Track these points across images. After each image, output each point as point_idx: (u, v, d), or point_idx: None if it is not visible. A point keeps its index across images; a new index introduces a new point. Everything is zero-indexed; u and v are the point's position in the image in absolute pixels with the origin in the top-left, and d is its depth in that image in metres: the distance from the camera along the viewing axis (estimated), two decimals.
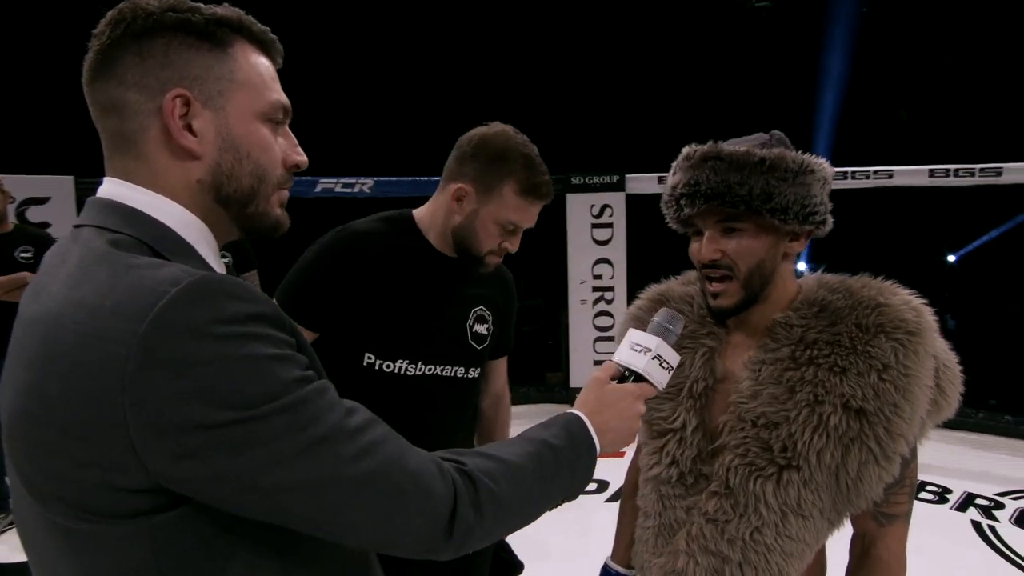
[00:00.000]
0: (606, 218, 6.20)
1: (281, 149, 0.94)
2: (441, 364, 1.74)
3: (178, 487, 0.74)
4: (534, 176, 1.63)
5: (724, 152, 1.20)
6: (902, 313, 1.20)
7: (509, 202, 1.63)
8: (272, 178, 0.92)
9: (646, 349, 1.14)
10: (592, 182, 6.19)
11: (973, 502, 4.31)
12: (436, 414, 1.75)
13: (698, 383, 1.33)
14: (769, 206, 1.19)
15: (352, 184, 5.74)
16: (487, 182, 1.64)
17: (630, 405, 1.11)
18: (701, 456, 1.30)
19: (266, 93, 0.91)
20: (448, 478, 0.85)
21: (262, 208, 0.92)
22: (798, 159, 1.21)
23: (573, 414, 1.07)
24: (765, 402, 1.22)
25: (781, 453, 1.20)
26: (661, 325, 1.19)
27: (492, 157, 1.64)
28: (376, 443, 0.81)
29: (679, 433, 1.33)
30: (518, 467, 0.93)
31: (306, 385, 0.78)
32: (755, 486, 1.21)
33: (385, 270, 1.67)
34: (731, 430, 1.26)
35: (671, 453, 1.33)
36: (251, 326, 0.75)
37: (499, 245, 1.68)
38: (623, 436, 1.10)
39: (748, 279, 1.24)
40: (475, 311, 1.81)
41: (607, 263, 6.23)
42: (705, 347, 1.35)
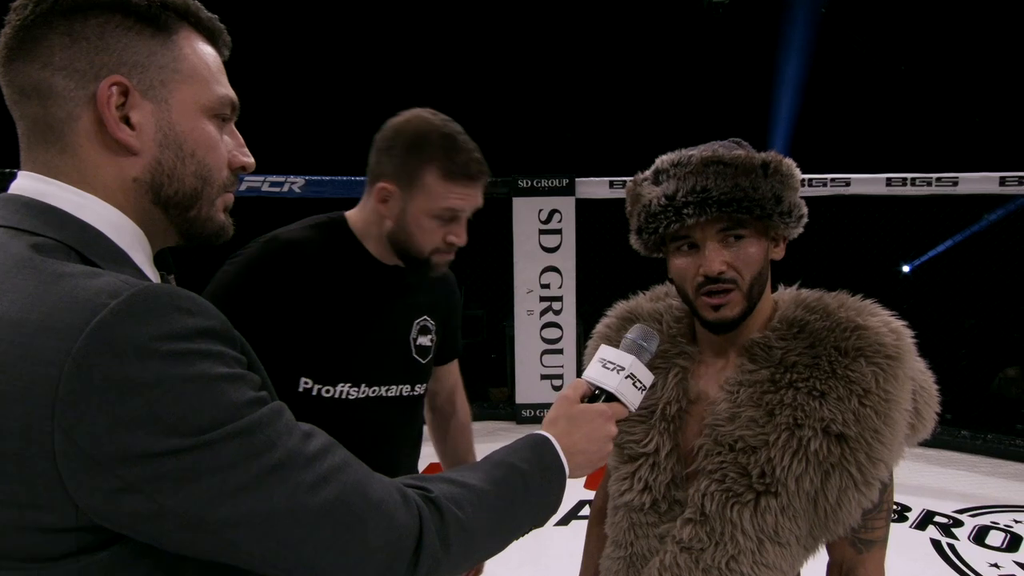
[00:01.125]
0: (555, 224, 6.24)
1: (227, 149, 0.91)
2: (385, 384, 1.70)
3: (113, 525, 0.71)
4: (457, 155, 1.56)
5: (727, 157, 1.21)
6: (881, 336, 1.23)
7: (435, 190, 1.56)
8: (217, 180, 0.90)
9: (619, 367, 1.15)
10: (540, 185, 6.23)
11: (932, 520, 4.46)
12: (381, 439, 1.71)
13: (671, 405, 1.34)
14: (780, 209, 1.21)
15: (281, 183, 5.65)
16: (408, 174, 1.57)
17: (601, 426, 1.10)
18: (675, 481, 1.31)
19: (213, 86, 0.88)
20: (413, 507, 0.84)
21: (205, 212, 0.90)
22: (787, 162, 1.24)
23: (541, 435, 1.07)
24: (743, 425, 1.24)
25: (759, 479, 1.22)
26: (635, 342, 1.20)
27: (407, 146, 1.58)
28: (336, 470, 0.79)
29: (652, 457, 1.33)
30: (485, 493, 0.93)
31: (260, 407, 0.76)
32: (732, 513, 1.23)
33: (320, 284, 1.61)
34: (707, 454, 1.27)
35: (643, 479, 1.33)
36: (200, 343, 0.73)
37: (443, 240, 1.61)
38: (593, 459, 1.10)
39: (750, 289, 1.25)
40: (418, 322, 1.77)
41: (555, 271, 6.26)
42: (678, 367, 1.36)
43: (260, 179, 5.58)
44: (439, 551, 0.85)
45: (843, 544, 1.28)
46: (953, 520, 4.47)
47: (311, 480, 0.76)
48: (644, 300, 1.51)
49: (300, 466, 0.76)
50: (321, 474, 0.77)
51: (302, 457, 0.77)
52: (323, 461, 0.79)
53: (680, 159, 1.25)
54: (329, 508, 0.77)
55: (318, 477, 0.77)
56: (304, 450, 0.77)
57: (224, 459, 0.71)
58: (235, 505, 0.72)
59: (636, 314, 1.47)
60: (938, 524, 4.41)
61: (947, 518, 4.50)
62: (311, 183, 5.76)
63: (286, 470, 0.75)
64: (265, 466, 0.74)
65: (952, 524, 4.42)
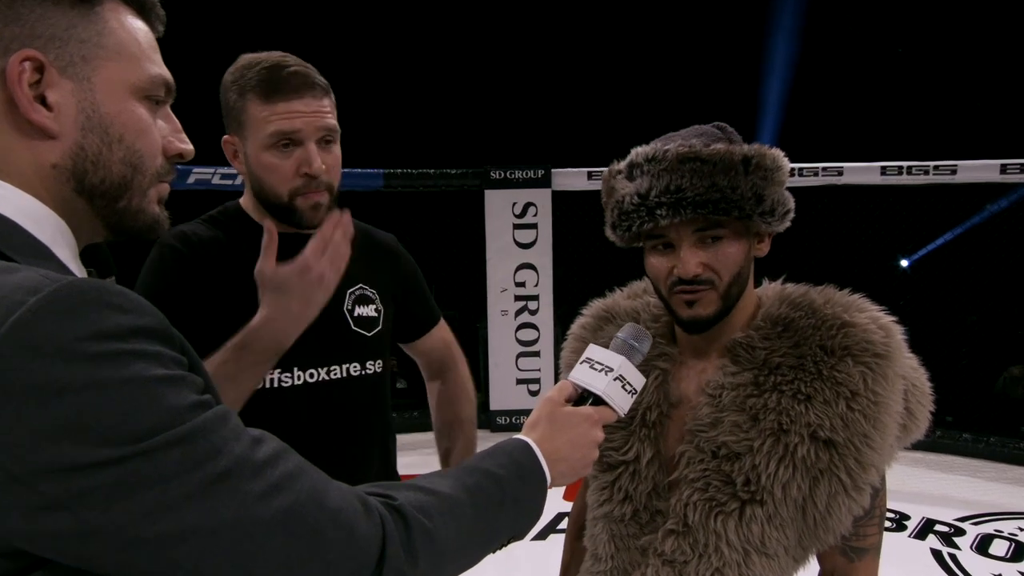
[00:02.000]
0: (530, 218, 6.24)
1: (161, 134, 0.89)
2: (323, 365, 1.67)
3: (35, 548, 0.68)
4: (268, 73, 1.55)
5: (704, 153, 1.20)
6: (869, 334, 1.23)
7: (259, 116, 1.55)
8: (150, 168, 0.88)
9: (607, 368, 1.14)
10: (514, 177, 6.23)
11: (932, 529, 4.50)
12: (337, 429, 1.69)
13: (651, 410, 1.34)
14: (760, 209, 1.20)
15: (233, 175, 5.60)
16: (236, 116, 1.58)
17: (587, 431, 1.10)
18: (657, 490, 1.32)
19: (144, 64, 0.86)
20: (375, 516, 0.83)
21: (136, 204, 0.88)
22: (772, 154, 1.23)
23: (521, 440, 1.06)
24: (727, 431, 1.24)
25: (744, 487, 1.22)
26: (626, 342, 1.19)
27: (229, 89, 1.59)
28: (289, 477, 0.78)
29: (632, 466, 1.34)
30: (456, 501, 0.92)
31: (203, 412, 0.74)
32: (716, 523, 1.23)
33: (221, 273, 1.60)
34: (689, 462, 1.27)
35: (624, 488, 1.33)
36: (135, 342, 0.71)
37: (297, 175, 1.58)
38: (577, 466, 1.09)
39: (728, 289, 1.26)
40: (351, 292, 1.74)
41: (531, 269, 6.27)
42: (658, 370, 1.36)
43: (210, 171, 5.53)
44: (404, 563, 0.83)
45: (834, 553, 1.29)
46: (954, 529, 4.52)
47: (261, 489, 0.75)
48: (621, 297, 1.51)
49: (249, 474, 0.74)
50: (272, 482, 0.76)
51: (251, 464, 0.75)
52: (274, 468, 0.77)
53: (655, 154, 1.23)
54: (282, 519, 0.75)
55: (269, 486, 0.75)
56: (253, 457, 0.76)
57: (163, 469, 0.69)
58: (176, 519, 0.70)
59: (613, 312, 1.47)
60: (939, 533, 4.46)
61: (948, 527, 4.55)
62: None
63: (233, 479, 0.73)
64: (210, 475, 0.72)
65: (953, 533, 4.47)
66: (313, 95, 1.58)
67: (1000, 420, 6.52)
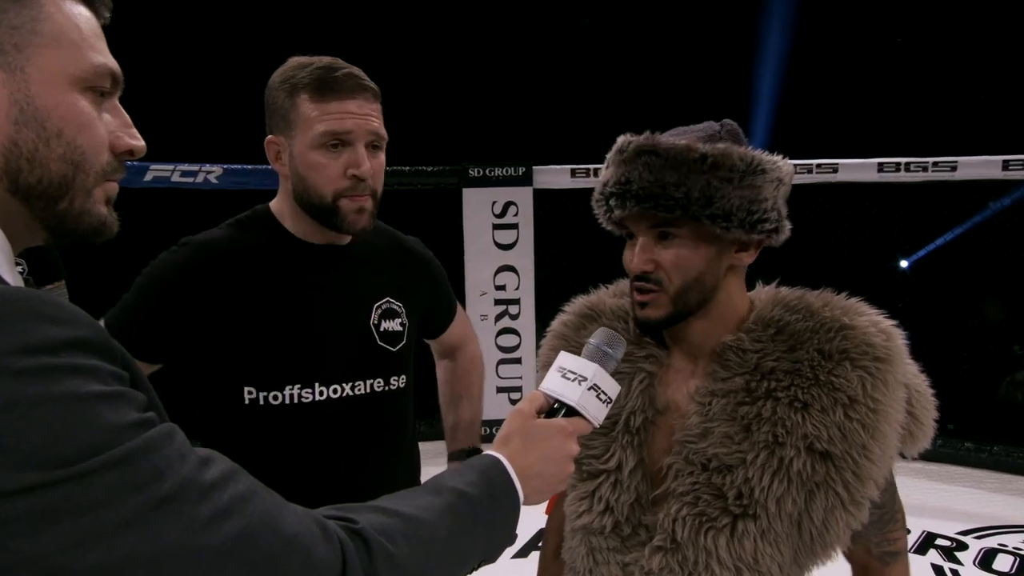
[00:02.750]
0: (510, 218, 6.24)
1: (108, 129, 0.88)
2: (348, 380, 1.71)
3: None
4: (322, 73, 1.62)
5: (661, 147, 1.22)
6: (869, 337, 1.24)
7: (310, 115, 1.62)
8: (94, 165, 0.86)
9: (580, 377, 1.15)
10: (493, 175, 6.22)
11: (933, 543, 4.53)
12: (357, 447, 1.72)
13: (636, 415, 1.34)
14: (709, 211, 1.21)
15: (194, 172, 5.51)
16: (284, 116, 1.64)
17: (560, 445, 1.10)
18: (640, 502, 1.32)
19: (86, 53, 0.85)
20: (334, 540, 0.82)
21: (80, 205, 0.86)
22: (747, 156, 1.23)
23: (491, 456, 1.06)
24: (717, 442, 1.25)
25: (736, 500, 1.23)
26: (599, 348, 1.20)
27: (279, 89, 1.65)
28: (240, 500, 0.77)
29: (614, 475, 1.34)
30: (423, 523, 0.91)
31: (144, 431, 0.73)
32: (706, 540, 1.23)
33: (246, 281, 1.65)
34: (678, 474, 1.28)
35: (604, 498, 1.34)
36: (68, 356, 0.69)
37: (343, 175, 1.63)
38: (551, 482, 1.09)
39: (681, 294, 1.27)
40: (379, 306, 1.78)
41: (511, 271, 6.26)
42: (644, 372, 1.36)
43: (169, 168, 5.48)
44: None
45: (869, 559, 1.33)
46: (956, 543, 4.55)
47: (209, 514, 0.73)
48: (607, 295, 1.52)
49: (195, 498, 0.73)
50: (221, 507, 0.75)
51: (197, 487, 0.74)
52: (223, 491, 0.76)
53: (622, 144, 1.28)
54: (232, 546, 0.74)
55: (218, 510, 0.74)
56: (200, 479, 0.75)
57: (98, 493, 0.68)
58: (112, 548, 0.68)
59: (597, 311, 1.47)
60: (940, 548, 4.49)
61: (950, 540, 4.57)
62: (230, 172, 5.65)
63: (178, 503, 0.72)
64: (151, 500, 0.70)
65: (955, 547, 4.49)
66: (365, 98, 1.65)
67: (1004, 428, 6.53)
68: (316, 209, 1.66)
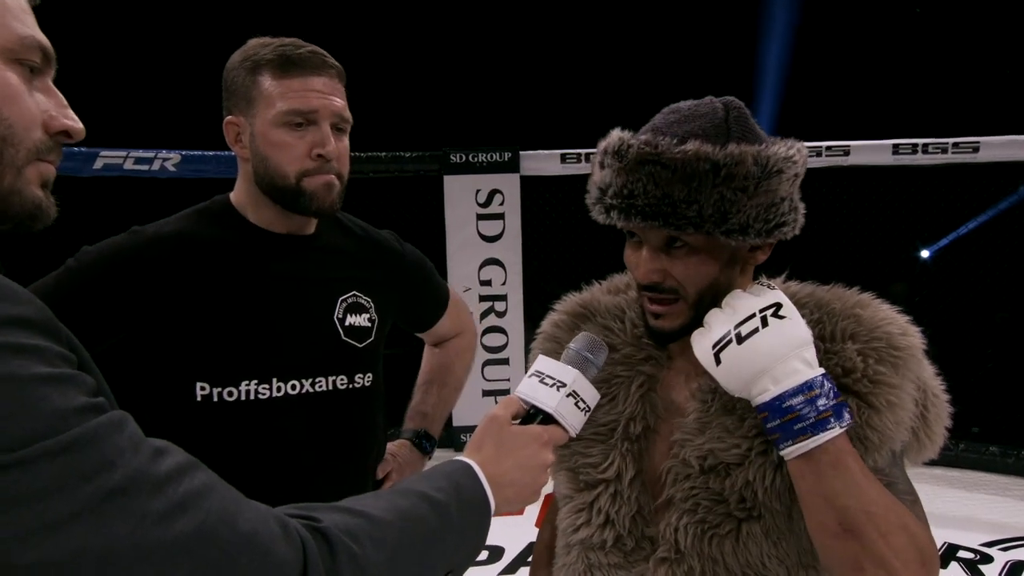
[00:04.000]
0: (495, 207, 6.24)
1: (40, 108, 0.89)
2: (308, 376, 1.73)
3: None
4: (286, 50, 1.66)
5: (666, 156, 1.19)
6: (883, 325, 1.25)
7: (272, 92, 1.65)
8: (24, 142, 0.87)
9: (559, 383, 1.17)
10: (477, 160, 6.22)
11: (956, 555, 4.54)
12: (318, 446, 1.74)
13: (635, 422, 1.35)
14: (725, 228, 1.20)
15: (149, 159, 5.48)
16: (245, 94, 1.68)
17: (535, 453, 1.13)
18: (642, 513, 1.33)
19: (10, 23, 0.86)
20: (295, 539, 0.84)
21: (9, 183, 0.87)
22: (762, 157, 1.20)
23: (462, 462, 1.08)
24: (715, 437, 1.26)
25: (739, 505, 1.24)
26: (579, 354, 1.22)
27: (238, 68, 1.69)
28: (195, 495, 0.78)
29: (613, 485, 1.35)
30: (389, 526, 0.93)
31: (93, 417, 0.74)
32: (711, 547, 1.25)
33: (199, 271, 1.67)
34: (676, 479, 1.29)
35: (604, 510, 1.34)
36: (8, 334, 0.70)
37: (308, 154, 1.67)
38: (525, 492, 1.12)
39: (698, 301, 1.27)
40: (344, 299, 1.80)
41: (498, 265, 6.27)
42: (643, 375, 1.37)
43: (121, 154, 5.44)
44: None
45: None
46: (981, 555, 4.56)
47: (163, 508, 0.74)
48: (601, 292, 1.53)
49: (148, 491, 0.74)
50: (176, 501, 0.76)
51: (150, 479, 0.75)
52: (178, 484, 0.77)
53: (619, 147, 1.24)
54: (186, 542, 0.75)
55: (172, 504, 0.75)
56: (153, 471, 0.76)
57: (43, 483, 0.68)
58: (58, 542, 0.69)
59: (591, 309, 1.48)
60: (963, 560, 4.50)
61: (973, 552, 4.58)
62: (189, 160, 5.63)
63: (129, 496, 0.73)
64: (100, 491, 0.71)
65: (979, 560, 4.51)
66: (330, 75, 1.69)
67: None
68: (279, 191, 1.68)
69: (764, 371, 1.17)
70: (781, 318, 1.18)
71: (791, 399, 1.15)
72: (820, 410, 1.14)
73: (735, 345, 1.18)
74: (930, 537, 1.18)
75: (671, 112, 1.29)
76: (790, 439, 1.16)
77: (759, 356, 1.17)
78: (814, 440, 1.14)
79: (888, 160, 5.88)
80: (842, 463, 1.15)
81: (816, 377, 1.16)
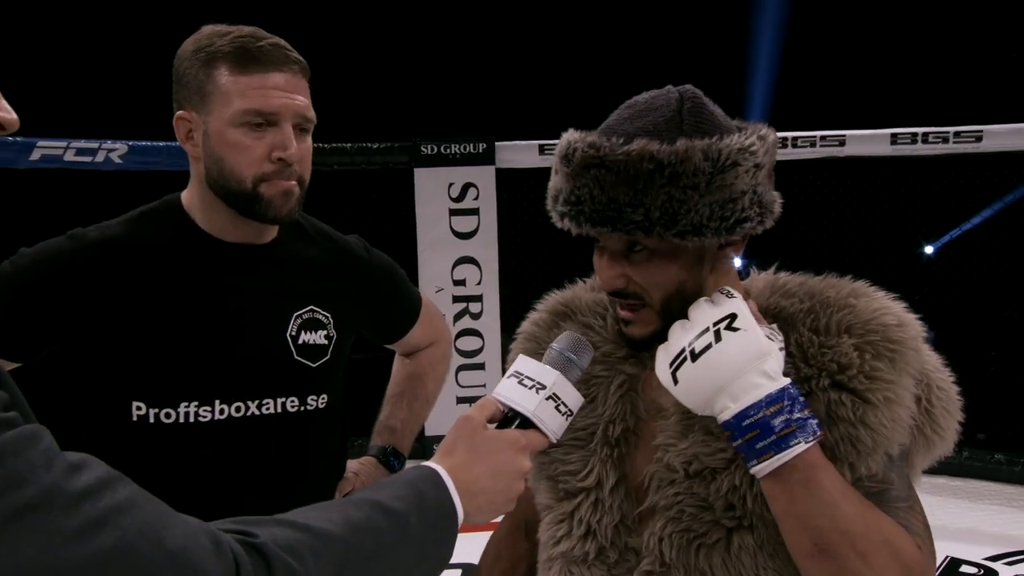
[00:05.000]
0: (470, 202, 6.24)
1: None
2: (254, 398, 1.71)
3: None
4: (244, 42, 1.63)
5: (609, 159, 1.20)
6: (879, 316, 1.25)
7: (229, 89, 1.62)
8: None
9: (538, 385, 1.17)
10: (450, 152, 6.22)
11: (958, 570, 4.57)
12: (264, 473, 1.73)
13: (615, 425, 1.35)
14: (676, 230, 1.20)
15: (93, 150, 5.43)
16: (199, 88, 1.65)
17: (510, 459, 1.12)
18: (625, 523, 1.33)
19: None
20: (227, 556, 0.83)
21: None
22: (712, 152, 1.20)
23: (427, 468, 1.08)
24: (698, 440, 1.26)
25: (726, 512, 1.24)
26: (562, 355, 1.22)
27: (191, 59, 1.66)
28: (116, 511, 0.78)
29: (594, 493, 1.35)
30: (336, 539, 0.92)
31: (5, 431, 0.74)
32: (698, 559, 1.25)
33: (140, 282, 1.65)
34: (659, 485, 1.29)
35: (585, 521, 1.34)
36: None
37: (267, 157, 1.64)
38: (498, 501, 1.11)
39: (666, 306, 1.28)
40: (299, 315, 1.79)
41: (472, 263, 6.27)
42: (623, 375, 1.38)
43: (61, 144, 5.38)
44: None
45: None
46: (985, 570, 4.59)
47: (78, 525, 0.74)
48: (583, 290, 1.53)
49: (62, 507, 0.74)
50: (93, 517, 0.76)
51: (65, 496, 0.75)
52: (97, 500, 0.77)
53: (567, 151, 1.25)
54: (104, 560, 0.75)
55: (88, 521, 0.75)
56: (68, 487, 0.75)
57: None
58: None
59: (573, 308, 1.48)
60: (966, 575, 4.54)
61: (977, 567, 4.61)
62: (137, 151, 5.60)
63: (41, 513, 0.73)
64: (10, 509, 0.71)
65: (984, 575, 4.53)
66: (292, 71, 1.66)
67: None
68: (233, 196, 1.66)
69: (722, 388, 1.17)
70: (735, 330, 1.18)
71: (752, 416, 1.16)
72: (783, 426, 1.14)
73: (689, 363, 1.19)
74: (922, 551, 1.19)
75: (627, 107, 1.30)
76: (755, 458, 1.16)
77: (715, 372, 1.17)
78: (779, 458, 1.14)
79: (886, 151, 5.92)
80: (814, 480, 1.15)
81: (778, 391, 1.16)
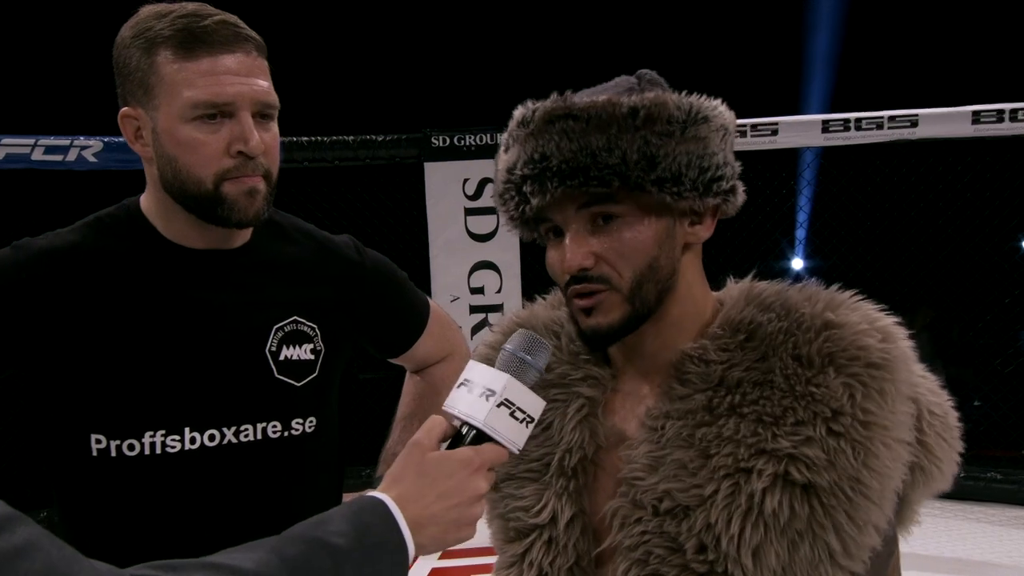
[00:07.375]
0: (487, 199, 6.23)
1: None
2: (230, 425, 1.71)
3: None
4: (187, 22, 1.60)
5: (577, 107, 1.24)
6: (860, 337, 1.26)
7: (175, 78, 1.60)
8: None
9: (488, 392, 1.18)
10: (464, 144, 6.23)
11: None
12: (243, 509, 1.71)
13: (572, 453, 1.36)
14: (655, 175, 1.23)
15: (64, 148, 5.53)
16: (141, 80, 1.63)
17: (462, 482, 1.13)
18: (580, 565, 1.33)
19: None
20: None
21: None
22: (683, 103, 1.26)
23: (372, 499, 1.10)
24: (670, 475, 1.26)
25: (697, 555, 1.22)
26: (514, 355, 1.23)
27: (129, 46, 1.64)
28: (11, 555, 0.79)
29: (547, 531, 1.35)
30: None
31: None
32: None
33: (96, 298, 1.64)
34: (624, 523, 1.29)
35: (536, 563, 1.35)
36: None
37: (227, 154, 1.63)
38: (452, 529, 1.13)
39: (636, 289, 1.28)
40: (280, 327, 1.78)
41: (491, 269, 6.27)
42: (581, 399, 1.38)
43: (28, 142, 5.44)
44: None
45: None
46: None
47: None
48: (542, 307, 1.56)
49: None
50: None
51: None
52: None
53: (524, 115, 1.30)
54: None
55: None
56: None
57: None
58: None
59: (529, 326, 1.49)
60: None
61: None
62: (113, 148, 5.65)
63: None
64: None
65: None
66: (246, 51, 1.64)
67: None
68: (192, 199, 1.64)
69: None
70: None
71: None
72: None
73: None
74: None
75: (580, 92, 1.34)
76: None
77: None
78: None
79: (968, 131, 5.86)
80: None
81: None
